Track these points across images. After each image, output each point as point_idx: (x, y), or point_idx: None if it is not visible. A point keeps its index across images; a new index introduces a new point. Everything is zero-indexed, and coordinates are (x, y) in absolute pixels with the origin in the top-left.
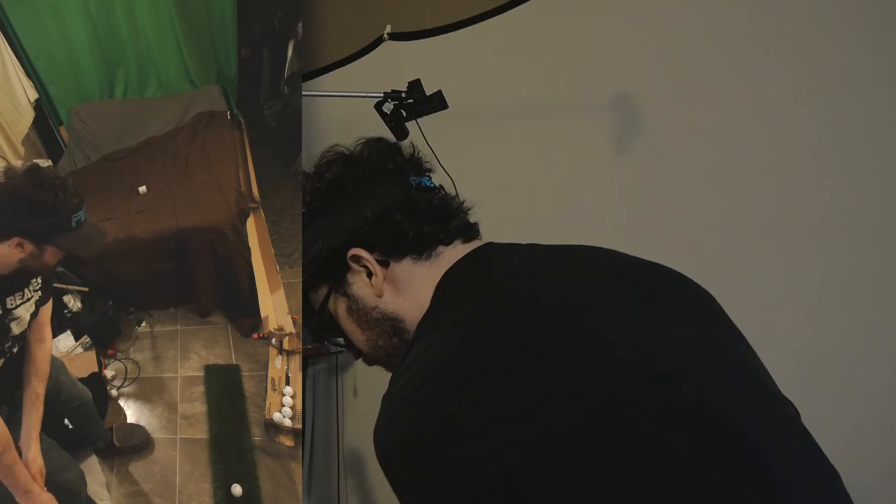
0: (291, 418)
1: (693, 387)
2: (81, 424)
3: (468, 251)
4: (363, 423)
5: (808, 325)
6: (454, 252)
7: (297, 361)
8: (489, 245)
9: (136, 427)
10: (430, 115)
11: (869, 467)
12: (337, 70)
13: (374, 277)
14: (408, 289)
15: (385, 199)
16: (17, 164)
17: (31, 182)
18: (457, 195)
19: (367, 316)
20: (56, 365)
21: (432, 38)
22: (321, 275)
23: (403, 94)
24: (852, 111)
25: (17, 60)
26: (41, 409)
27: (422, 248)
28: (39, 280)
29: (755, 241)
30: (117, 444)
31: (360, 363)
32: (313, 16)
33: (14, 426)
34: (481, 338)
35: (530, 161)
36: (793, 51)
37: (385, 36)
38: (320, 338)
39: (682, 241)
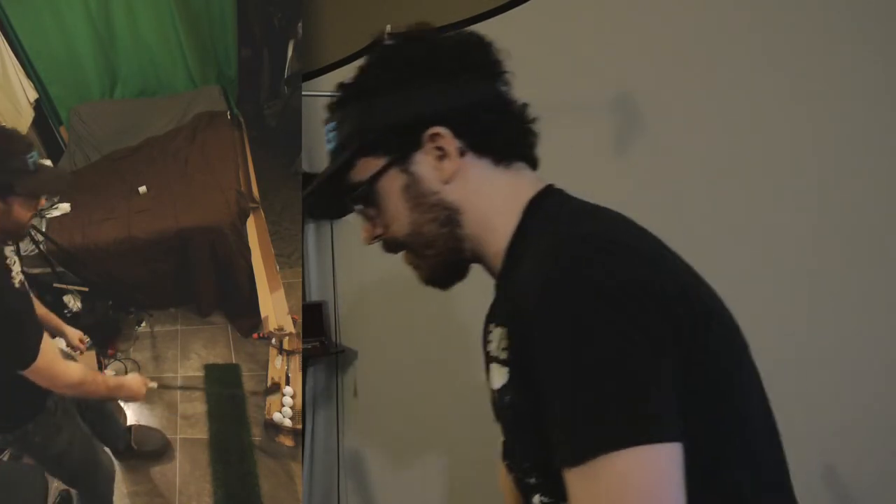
0: (291, 418)
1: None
2: (101, 422)
3: (547, 184)
4: (363, 423)
5: (808, 324)
6: (533, 175)
7: (297, 361)
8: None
9: (153, 431)
10: None
11: (869, 467)
12: (337, 70)
13: (447, 161)
14: (478, 187)
15: (483, 92)
16: None
17: None
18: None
19: (425, 199)
20: (56, 330)
21: None
22: (388, 145)
23: None
24: (852, 111)
25: (17, 60)
26: (52, 315)
27: (504, 155)
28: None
29: (755, 240)
30: (135, 447)
31: (359, 363)
32: (313, 16)
33: None
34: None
35: None
36: (793, 51)
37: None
38: (353, 205)
39: (682, 240)
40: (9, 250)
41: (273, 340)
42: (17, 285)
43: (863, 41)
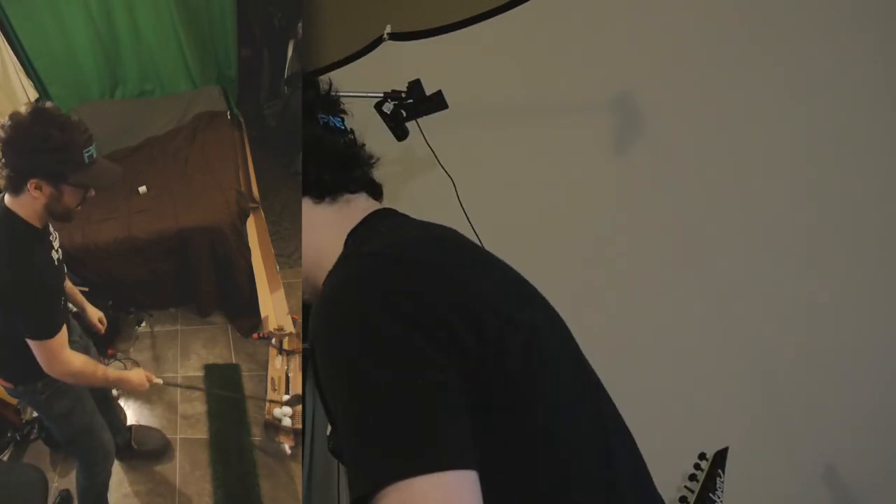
0: (291, 418)
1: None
2: (104, 415)
3: (381, 206)
4: None
5: (808, 324)
6: (367, 203)
7: (297, 361)
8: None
9: (153, 431)
10: (430, 115)
11: (869, 467)
12: (337, 70)
13: None
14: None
15: None
16: (21, 109)
17: (38, 121)
18: (364, 145)
19: None
20: (78, 305)
21: (432, 38)
22: None
23: (403, 94)
24: (852, 111)
25: (17, 60)
26: (76, 290)
27: (321, 192)
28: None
29: (754, 240)
30: (135, 447)
31: None
32: (313, 16)
33: None
34: (458, 241)
35: (530, 161)
36: (792, 51)
37: (385, 36)
38: None
39: (682, 240)
40: (52, 229)
41: (273, 340)
42: (55, 263)
43: (863, 41)
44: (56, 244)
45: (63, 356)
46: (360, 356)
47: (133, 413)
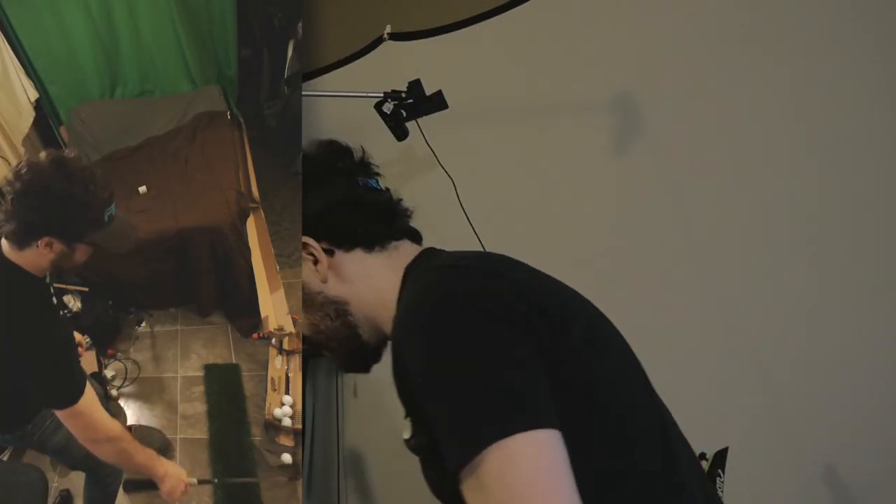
0: (291, 418)
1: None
2: None
3: (425, 248)
4: (363, 423)
5: (808, 323)
6: (412, 247)
7: (297, 361)
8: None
9: (152, 430)
10: (430, 115)
11: (869, 467)
12: (337, 70)
13: (319, 265)
14: (356, 277)
15: (333, 194)
16: (40, 156)
17: (61, 175)
18: (401, 199)
19: (312, 300)
20: (73, 337)
21: (432, 38)
22: None
23: (403, 94)
24: (852, 111)
25: (17, 60)
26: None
27: (372, 242)
28: None
29: (754, 240)
30: None
31: None
32: (313, 16)
33: None
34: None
35: (530, 161)
36: (793, 51)
37: (385, 36)
38: None
39: (682, 240)
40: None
41: (273, 340)
42: (63, 313)
43: (863, 41)
44: (68, 299)
45: (98, 417)
46: (453, 345)
47: (133, 413)
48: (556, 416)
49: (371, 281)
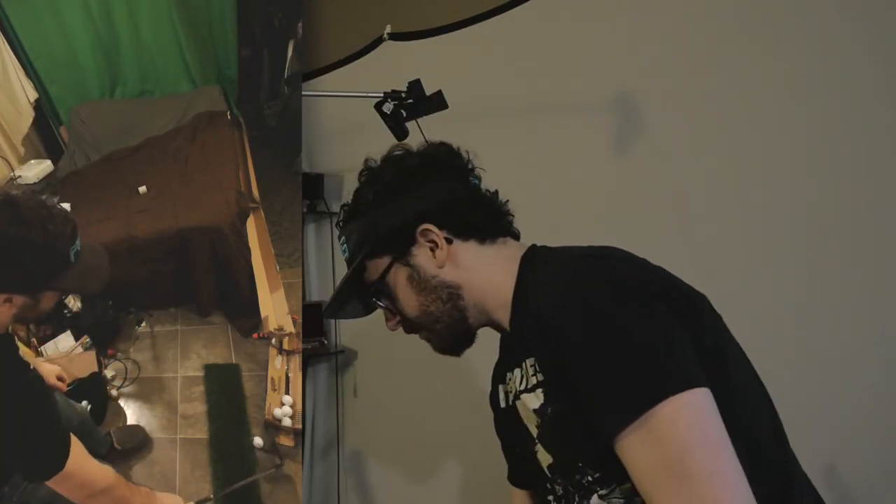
0: (291, 418)
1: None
2: (83, 439)
3: (531, 244)
4: (363, 423)
5: (808, 324)
6: (515, 244)
7: (297, 361)
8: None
9: (134, 428)
10: (430, 115)
11: (869, 467)
12: (337, 70)
13: (438, 251)
14: (470, 265)
15: (454, 189)
16: None
17: (12, 220)
18: (508, 201)
19: (427, 283)
20: (51, 390)
21: (432, 38)
22: (388, 246)
23: (403, 94)
24: (852, 111)
25: (17, 60)
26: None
27: (485, 235)
28: None
29: (754, 240)
30: (118, 448)
31: (359, 363)
32: (313, 16)
33: None
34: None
35: (530, 161)
36: (792, 51)
37: (385, 36)
38: (371, 306)
39: (682, 240)
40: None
41: (273, 340)
42: (36, 377)
43: (863, 41)
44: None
45: (90, 473)
46: (622, 319)
47: (133, 413)
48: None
49: (484, 270)
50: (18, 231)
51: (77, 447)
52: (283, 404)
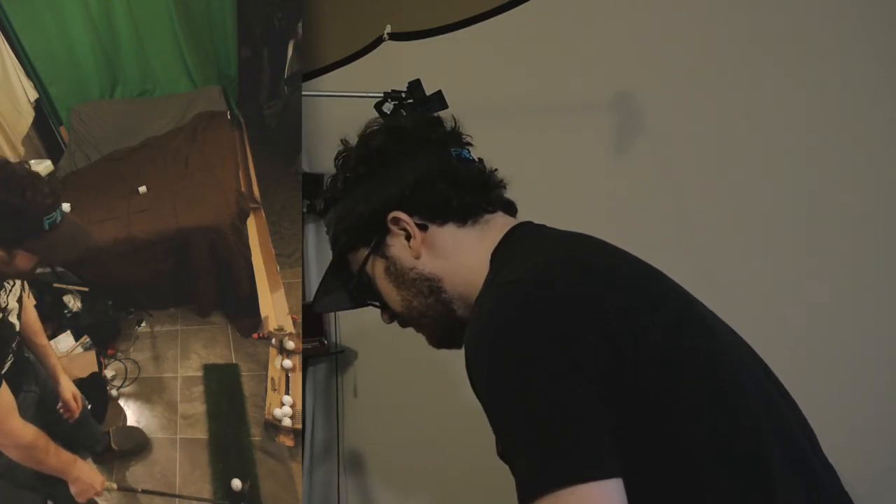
0: (291, 418)
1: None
2: (77, 430)
3: (519, 221)
4: (363, 423)
5: (808, 323)
6: (504, 220)
7: (297, 361)
8: (534, 223)
9: (133, 430)
10: None
11: (869, 467)
12: (337, 70)
13: (412, 240)
14: (450, 252)
15: (426, 167)
16: None
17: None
18: (496, 170)
19: (405, 276)
20: (49, 374)
21: (432, 38)
22: (361, 237)
23: (403, 94)
24: (853, 110)
25: (17, 60)
26: (53, 354)
27: (465, 216)
28: None
29: (754, 240)
30: (115, 448)
31: (359, 363)
32: (313, 16)
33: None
34: (590, 253)
35: (530, 161)
36: (793, 51)
37: (385, 36)
38: (357, 300)
39: (682, 240)
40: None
41: (273, 340)
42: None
43: (864, 41)
44: (5, 298)
45: (11, 427)
46: (510, 381)
47: (133, 413)
48: (619, 457)
49: (465, 257)
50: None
51: (6, 400)
52: (283, 404)
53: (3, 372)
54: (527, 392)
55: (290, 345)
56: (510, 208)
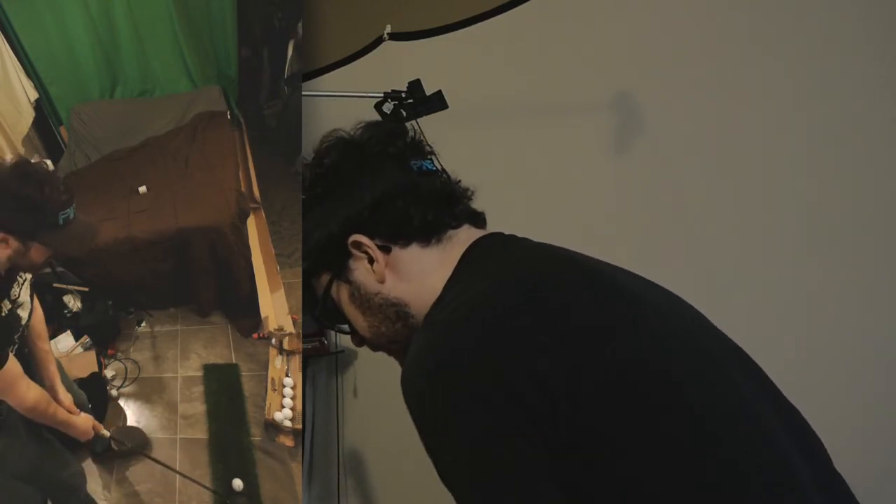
0: (291, 418)
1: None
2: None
3: (485, 233)
4: (363, 423)
5: (808, 323)
6: (468, 234)
7: (297, 361)
8: (501, 234)
9: (133, 429)
10: (430, 115)
11: (869, 467)
12: (337, 70)
13: (375, 264)
14: (415, 274)
15: (385, 183)
16: (7, 158)
17: (17, 175)
18: (459, 181)
19: (370, 302)
20: (47, 384)
21: (432, 38)
22: (322, 262)
23: (403, 94)
24: (852, 111)
25: (17, 60)
26: (53, 361)
27: (428, 234)
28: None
29: (754, 240)
30: (115, 448)
31: (359, 363)
32: (313, 16)
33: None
34: (538, 275)
35: (530, 161)
36: (793, 51)
37: (385, 36)
38: (325, 325)
39: (682, 240)
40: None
41: (273, 340)
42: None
43: (864, 41)
44: (17, 290)
45: (18, 391)
46: (436, 433)
47: (133, 413)
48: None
49: (429, 278)
50: (20, 183)
51: (13, 365)
52: (283, 405)
53: (12, 351)
54: (454, 449)
55: (290, 345)
56: (477, 219)
